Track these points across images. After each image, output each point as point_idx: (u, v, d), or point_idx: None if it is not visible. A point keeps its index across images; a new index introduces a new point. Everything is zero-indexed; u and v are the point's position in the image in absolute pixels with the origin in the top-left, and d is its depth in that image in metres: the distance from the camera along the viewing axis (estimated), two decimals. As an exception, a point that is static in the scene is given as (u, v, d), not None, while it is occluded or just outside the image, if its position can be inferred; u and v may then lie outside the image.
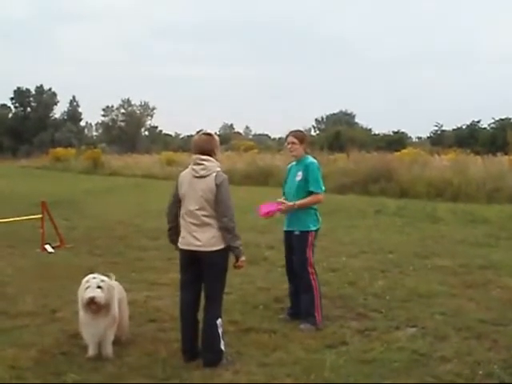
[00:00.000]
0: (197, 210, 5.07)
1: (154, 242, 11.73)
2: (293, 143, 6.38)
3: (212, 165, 5.12)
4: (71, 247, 11.11)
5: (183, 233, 5.18)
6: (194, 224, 5.08)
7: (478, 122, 54.66)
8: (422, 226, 13.85)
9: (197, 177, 5.10)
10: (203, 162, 5.10)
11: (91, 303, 5.05)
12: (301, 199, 6.24)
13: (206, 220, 5.06)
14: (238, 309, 6.84)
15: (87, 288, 5.10)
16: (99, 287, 5.10)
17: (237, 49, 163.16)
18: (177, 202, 5.27)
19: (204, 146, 5.17)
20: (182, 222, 5.22)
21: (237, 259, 5.22)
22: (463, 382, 4.68)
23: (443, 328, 6.09)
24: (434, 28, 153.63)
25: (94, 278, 5.18)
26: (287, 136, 6.48)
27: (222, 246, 5.09)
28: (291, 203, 6.21)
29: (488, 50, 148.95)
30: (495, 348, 5.49)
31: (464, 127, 55.83)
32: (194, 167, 5.14)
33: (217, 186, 5.03)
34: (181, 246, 5.21)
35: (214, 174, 5.08)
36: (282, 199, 6.35)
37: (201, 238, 5.05)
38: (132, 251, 10.76)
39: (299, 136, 6.42)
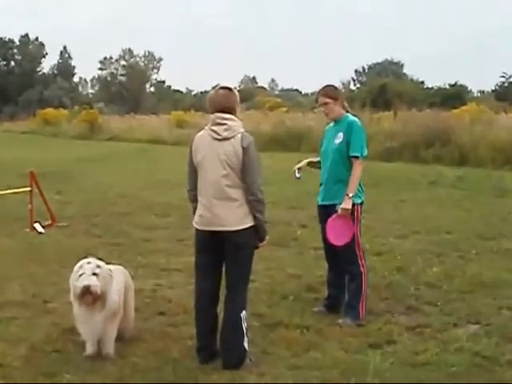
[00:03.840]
0: (220, 178, 5.03)
1: (163, 220, 11.80)
2: (325, 104, 6.29)
3: (236, 124, 5.09)
4: (65, 226, 11.20)
5: (201, 210, 5.15)
6: (216, 197, 5.05)
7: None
8: (486, 201, 13.70)
9: (218, 139, 5.05)
10: (226, 122, 5.06)
11: (86, 293, 5.06)
12: (339, 166, 6.20)
13: (231, 192, 5.04)
14: (264, 300, 6.84)
15: (81, 275, 5.10)
16: (94, 274, 5.10)
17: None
18: (195, 174, 5.22)
19: (223, 102, 5.12)
20: (199, 197, 5.19)
21: (262, 239, 5.23)
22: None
23: (512, 326, 6.05)
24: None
25: (89, 263, 5.18)
26: (317, 96, 6.40)
27: (250, 224, 5.09)
28: (346, 199, 6.07)
29: None
30: None
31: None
32: (215, 128, 5.08)
33: (244, 149, 5.00)
34: (198, 226, 5.18)
35: (240, 136, 5.04)
36: (339, 211, 6.14)
37: (225, 214, 5.03)
38: (137, 231, 10.83)
39: (331, 93, 6.31)
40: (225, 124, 5.06)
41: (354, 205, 6.15)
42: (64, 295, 6.36)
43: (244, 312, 5.14)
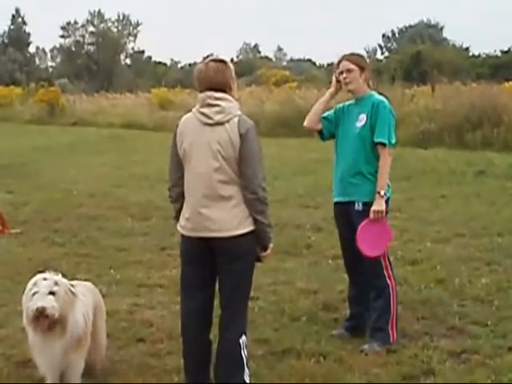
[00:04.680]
0: (212, 172, 5.04)
1: (141, 224, 11.80)
2: (348, 71, 6.33)
3: (231, 106, 5.09)
4: (19, 233, 11.20)
5: (188, 211, 5.17)
6: (207, 196, 5.06)
7: None
8: (548, 195, 13.69)
9: (210, 124, 5.06)
10: (218, 102, 5.06)
11: (40, 317, 5.04)
12: (360, 155, 6.25)
13: (225, 189, 5.05)
14: (270, 322, 6.87)
15: (34, 294, 5.09)
16: (51, 293, 5.08)
17: None
18: (179, 167, 5.25)
19: (215, 78, 5.12)
20: (186, 195, 5.21)
21: (265, 248, 5.23)
22: None
23: None
24: None
25: (45, 279, 5.17)
26: (339, 61, 6.44)
27: (249, 229, 5.10)
28: (377, 199, 6.13)
29: None
30: None
31: None
32: (204, 110, 5.09)
33: (241, 136, 5.01)
34: (185, 231, 5.20)
35: (236, 119, 5.05)
36: (371, 214, 6.16)
37: (217, 217, 5.04)
38: (109, 238, 10.84)
39: (357, 61, 6.38)
40: (217, 105, 5.06)
41: None
42: (16, 319, 6.38)
43: (244, 337, 5.15)
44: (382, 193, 6.13)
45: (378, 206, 6.13)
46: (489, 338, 6.36)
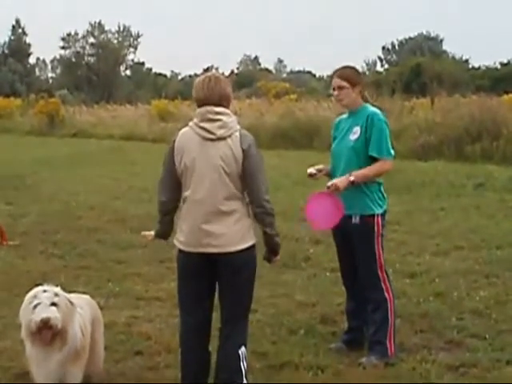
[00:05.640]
0: (214, 188, 5.05)
1: (140, 237, 11.73)
2: (340, 88, 6.31)
3: (232, 120, 5.12)
4: (17, 245, 11.20)
5: (188, 227, 5.17)
6: (209, 212, 5.07)
7: None
8: (548, 208, 13.67)
9: (212, 139, 5.07)
10: (220, 117, 5.08)
11: (44, 328, 5.03)
12: (356, 168, 6.18)
13: (227, 204, 5.07)
14: (268, 335, 6.86)
15: (36, 306, 5.06)
16: (54, 304, 5.07)
17: None
18: (176, 182, 5.24)
19: (214, 92, 5.13)
20: (184, 210, 5.21)
21: (275, 253, 5.28)
22: None
23: None
24: None
25: (45, 291, 5.15)
26: (331, 77, 6.44)
27: (251, 242, 5.14)
28: (345, 178, 6.08)
29: None
30: None
31: None
32: (206, 125, 5.09)
33: (244, 151, 5.03)
34: (184, 247, 5.20)
35: (238, 134, 5.07)
36: (329, 183, 6.14)
37: (220, 232, 5.06)
38: (108, 250, 10.83)
39: (350, 76, 6.34)
40: (219, 120, 5.08)
41: (373, 216, 6.21)
42: (14, 331, 6.37)
43: (243, 348, 5.16)
44: (352, 178, 6.02)
45: (340, 182, 6.02)
46: (487, 352, 6.35)
